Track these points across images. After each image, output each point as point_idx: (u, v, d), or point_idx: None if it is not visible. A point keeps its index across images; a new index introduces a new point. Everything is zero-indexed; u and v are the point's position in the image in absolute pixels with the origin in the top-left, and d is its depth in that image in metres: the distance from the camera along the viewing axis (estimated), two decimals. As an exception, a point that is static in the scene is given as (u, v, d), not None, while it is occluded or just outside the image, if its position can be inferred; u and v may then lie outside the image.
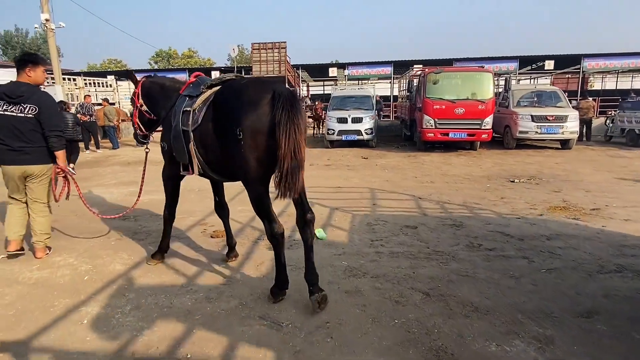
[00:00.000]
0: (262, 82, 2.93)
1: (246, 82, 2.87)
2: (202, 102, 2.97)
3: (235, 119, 2.58)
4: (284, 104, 2.41)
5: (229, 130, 2.63)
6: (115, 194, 6.64)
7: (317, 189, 6.69)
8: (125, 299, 3.02)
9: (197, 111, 2.96)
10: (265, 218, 2.74)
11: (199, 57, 51.56)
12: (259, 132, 2.52)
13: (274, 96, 2.49)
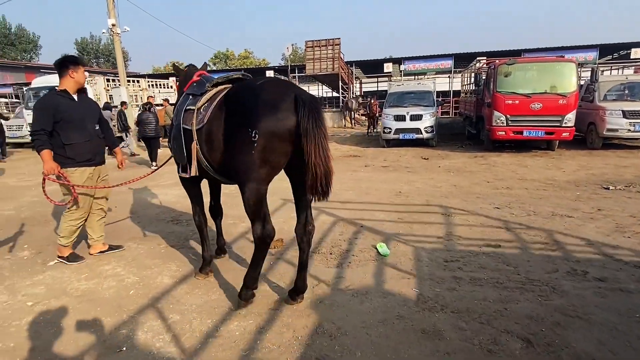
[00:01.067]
0: (280, 83, 2.76)
1: (263, 83, 2.66)
2: (207, 101, 2.89)
3: (252, 119, 2.47)
4: (310, 110, 2.37)
5: (242, 130, 2.50)
6: (169, 195, 6.56)
7: (375, 193, 6.12)
8: (168, 322, 2.70)
9: (203, 110, 2.85)
10: (260, 219, 2.65)
11: (254, 57, 52.80)
12: (276, 136, 2.44)
13: (297, 101, 2.42)
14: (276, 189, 3.86)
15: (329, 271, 3.44)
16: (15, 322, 2.75)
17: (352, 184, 6.97)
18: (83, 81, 3.63)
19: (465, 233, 4.24)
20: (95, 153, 3.70)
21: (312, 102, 2.42)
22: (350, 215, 5.03)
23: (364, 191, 6.33)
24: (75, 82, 3.54)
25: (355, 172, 8.28)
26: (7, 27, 38.58)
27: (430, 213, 5.03)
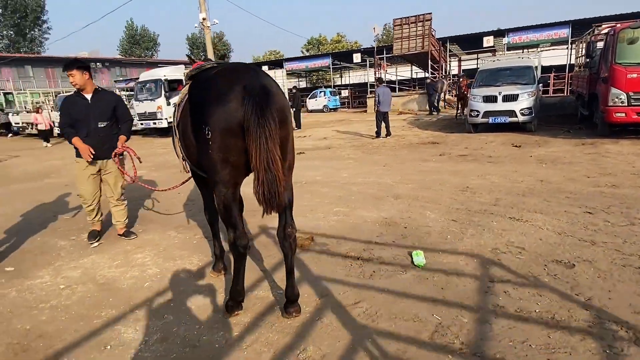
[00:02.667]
0: (233, 70, 2.42)
1: (216, 72, 2.43)
2: (182, 95, 2.72)
3: (204, 115, 2.26)
4: (255, 104, 2.05)
5: (200, 127, 2.31)
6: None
7: (437, 188, 5.38)
8: (161, 323, 2.62)
9: (179, 105, 2.70)
10: (229, 225, 2.42)
11: (346, 41, 52.27)
12: (227, 132, 2.17)
13: (244, 91, 2.11)
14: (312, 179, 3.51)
15: (346, 281, 3.03)
16: (41, 305, 2.96)
17: (415, 176, 6.28)
18: (79, 82, 3.84)
19: (531, 245, 3.40)
20: (95, 147, 3.84)
21: (260, 94, 2.08)
22: (396, 213, 4.47)
23: (425, 185, 5.62)
24: (74, 84, 3.85)
25: (426, 162, 7.48)
26: (134, 29, 44.70)
27: (494, 215, 4.19)
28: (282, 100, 2.29)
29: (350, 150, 9.58)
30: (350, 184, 6.01)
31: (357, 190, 5.58)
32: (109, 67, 35.92)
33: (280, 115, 2.18)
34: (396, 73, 27.66)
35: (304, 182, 6.36)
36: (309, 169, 7.35)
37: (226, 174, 2.29)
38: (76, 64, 3.84)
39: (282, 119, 2.21)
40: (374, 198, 5.15)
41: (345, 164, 7.74)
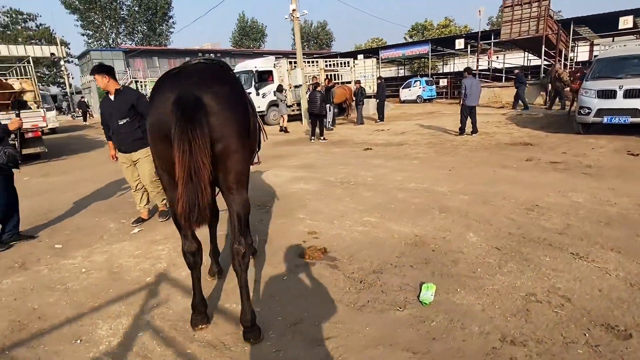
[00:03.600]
0: (176, 76, 2.22)
1: (163, 76, 2.29)
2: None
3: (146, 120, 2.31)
4: (180, 115, 1.94)
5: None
6: (281, 177, 6.69)
7: (497, 203, 4.55)
8: (133, 325, 2.65)
9: None
10: (180, 233, 2.41)
11: (455, 25, 48.53)
12: (156, 140, 2.16)
13: (175, 99, 1.98)
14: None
15: (331, 308, 2.70)
16: (58, 286, 3.26)
17: (479, 185, 5.44)
18: (101, 85, 4.23)
19: (581, 296, 2.59)
20: (120, 143, 4.33)
21: (189, 103, 1.95)
22: (431, 231, 3.89)
23: (484, 198, 4.82)
24: (99, 87, 4.35)
25: (503, 168, 6.45)
26: (244, 21, 48.08)
27: (552, 247, 3.34)
28: (220, 110, 2.08)
29: (422, 148, 8.81)
30: (398, 189, 5.48)
31: (401, 198, 5.04)
32: (220, 57, 39.27)
33: (216, 126, 2.05)
34: (504, 60, 24.69)
35: (352, 182, 6.01)
36: (365, 168, 6.94)
37: (165, 181, 2.32)
38: (96, 70, 4.17)
39: (217, 129, 2.06)
40: (415, 209, 4.59)
41: (407, 164, 7.11)
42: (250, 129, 2.46)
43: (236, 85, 2.38)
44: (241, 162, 2.26)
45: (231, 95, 2.23)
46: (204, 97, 2.04)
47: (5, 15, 42.52)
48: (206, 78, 2.21)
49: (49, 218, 5.07)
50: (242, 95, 2.39)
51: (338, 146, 9.95)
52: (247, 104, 2.47)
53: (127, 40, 41.51)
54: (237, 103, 2.26)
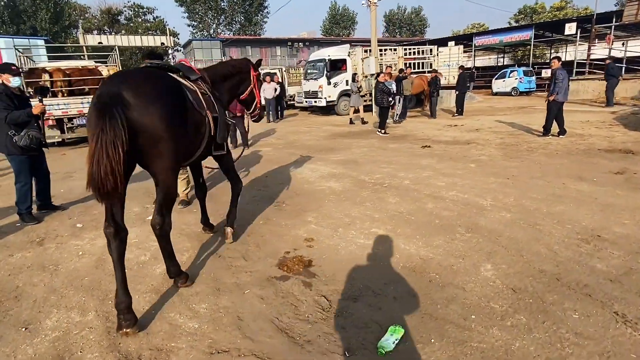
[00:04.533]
0: (112, 76, 2.66)
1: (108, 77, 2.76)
2: None
3: None
4: (94, 106, 2.28)
5: None
6: (317, 172, 6.36)
7: (542, 229, 3.65)
8: (81, 322, 2.61)
9: None
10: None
11: (572, 7, 42.16)
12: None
13: (96, 96, 2.33)
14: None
15: (267, 338, 2.34)
16: (51, 266, 3.42)
17: (534, 202, 4.46)
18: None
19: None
20: None
21: (101, 98, 2.26)
22: (441, 256, 3.25)
23: (531, 219, 3.91)
24: None
25: (579, 181, 5.23)
26: (336, 9, 47.90)
27: (592, 299, 2.49)
28: (139, 104, 2.34)
29: (490, 149, 7.68)
30: (432, 197, 4.76)
31: (429, 209, 4.36)
32: (309, 46, 39.81)
33: (135, 118, 2.29)
34: (625, 48, 20.60)
35: (385, 184, 5.43)
36: (409, 169, 6.25)
37: None
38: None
39: (136, 121, 2.31)
40: (438, 225, 3.91)
41: (460, 167, 6.22)
42: (186, 123, 2.71)
43: (167, 83, 2.68)
44: (165, 153, 2.48)
45: (155, 91, 2.50)
46: (123, 92, 2.31)
47: (130, 9, 48.42)
48: (135, 77, 2.57)
49: (88, 196, 5.48)
50: (172, 92, 2.62)
51: (396, 141, 9.22)
52: (182, 100, 2.70)
53: (226, 31, 44.42)
54: (159, 98, 2.47)
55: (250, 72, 4.07)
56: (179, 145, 2.63)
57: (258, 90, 4.13)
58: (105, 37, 35.39)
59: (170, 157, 2.55)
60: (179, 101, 2.69)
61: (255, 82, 4.08)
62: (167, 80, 2.76)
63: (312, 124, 13.85)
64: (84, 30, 41.37)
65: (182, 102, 2.72)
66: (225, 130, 3.41)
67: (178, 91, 2.75)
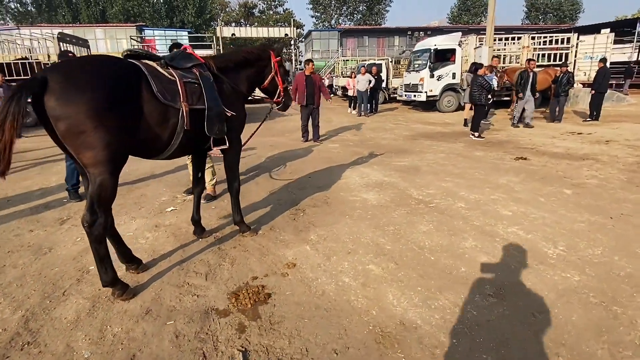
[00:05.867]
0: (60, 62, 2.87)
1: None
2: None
3: None
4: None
5: None
6: (366, 178, 5.57)
7: (618, 299, 2.35)
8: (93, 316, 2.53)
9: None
10: None
11: None
12: None
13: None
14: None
15: None
16: (48, 248, 3.52)
17: (626, 260, 3.00)
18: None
19: None
20: None
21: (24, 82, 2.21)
22: (431, 325, 2.31)
23: (608, 290, 2.58)
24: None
25: None
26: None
27: None
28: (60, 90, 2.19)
29: (610, 170, 5.75)
30: (480, 231, 3.62)
31: (464, 249, 3.29)
32: (431, 35, 37.21)
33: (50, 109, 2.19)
34: None
35: (431, 204, 4.40)
36: (476, 188, 5.00)
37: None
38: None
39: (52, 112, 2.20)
40: (456, 277, 2.87)
41: (547, 193, 4.71)
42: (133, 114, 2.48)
43: (110, 71, 2.42)
44: (92, 144, 2.27)
45: (85, 78, 2.27)
46: (49, 77, 2.18)
47: (263, 2, 52.17)
48: (73, 63, 2.41)
49: (137, 181, 5.74)
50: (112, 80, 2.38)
51: (488, 148, 7.69)
52: (129, 89, 2.45)
53: (347, 21, 44.52)
54: (87, 85, 2.25)
55: (271, 59, 3.65)
56: (114, 138, 2.33)
57: (280, 77, 3.73)
58: (237, 29, 38.91)
59: (99, 150, 2.30)
60: (121, 90, 2.39)
61: (277, 69, 3.68)
62: (115, 67, 2.46)
63: (403, 120, 12.70)
64: (224, 22, 46.24)
65: (128, 91, 2.44)
66: (219, 123, 3.04)
67: (126, 79, 2.46)
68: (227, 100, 3.18)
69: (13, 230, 3.94)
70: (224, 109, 3.10)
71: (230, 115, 3.15)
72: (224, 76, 3.26)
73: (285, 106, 3.94)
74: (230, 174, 3.55)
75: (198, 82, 2.96)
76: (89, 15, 36.03)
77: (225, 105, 3.12)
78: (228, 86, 3.28)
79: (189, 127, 2.83)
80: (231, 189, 3.60)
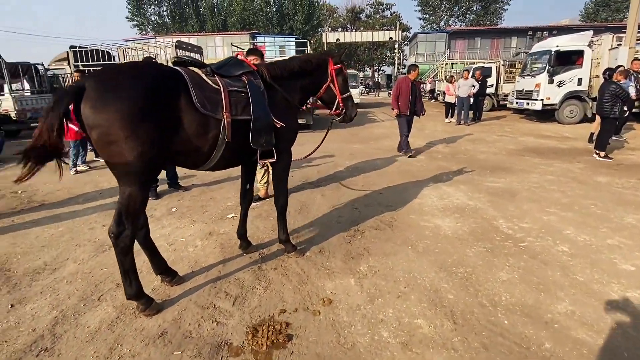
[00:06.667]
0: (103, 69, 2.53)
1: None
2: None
3: None
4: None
5: None
6: (446, 199, 4.83)
7: None
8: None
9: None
10: None
11: None
12: None
13: None
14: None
15: None
16: (107, 245, 3.68)
17: None
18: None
19: None
20: None
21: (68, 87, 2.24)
22: None
23: None
24: None
25: None
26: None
27: None
28: (94, 97, 2.14)
29: None
30: (584, 291, 2.71)
31: (559, 315, 2.47)
32: (556, 35, 32.71)
33: (85, 117, 2.16)
34: None
35: (523, 243, 3.53)
36: (587, 224, 3.92)
37: None
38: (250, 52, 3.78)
39: (86, 120, 2.17)
40: (544, 358, 2.11)
41: None
42: (169, 124, 2.34)
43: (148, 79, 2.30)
44: (122, 155, 2.18)
45: (120, 86, 2.19)
46: (87, 85, 2.15)
47: (371, 6, 52.10)
48: (112, 71, 2.35)
49: (213, 183, 5.88)
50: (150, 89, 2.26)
51: (616, 173, 6.15)
52: (164, 98, 2.32)
53: (457, 22, 41.76)
54: (121, 93, 2.16)
55: (329, 66, 3.31)
56: (146, 149, 2.21)
57: (338, 87, 3.36)
58: (342, 34, 39.48)
59: (130, 161, 2.20)
60: (156, 99, 2.26)
61: (334, 77, 3.32)
62: (153, 75, 2.34)
63: (510, 131, 11.14)
64: (330, 28, 47.37)
65: (164, 100, 2.31)
66: (267, 134, 2.81)
67: (164, 88, 2.33)
68: (278, 110, 2.92)
69: (90, 223, 4.26)
70: (272, 119, 2.84)
71: (280, 126, 2.88)
72: (277, 84, 3.00)
73: (347, 118, 3.53)
74: (277, 189, 3.28)
75: (245, 90, 2.74)
76: (213, 24, 40.17)
77: (276, 115, 2.86)
78: (280, 95, 3.01)
79: (230, 139, 2.62)
80: (277, 205, 3.32)
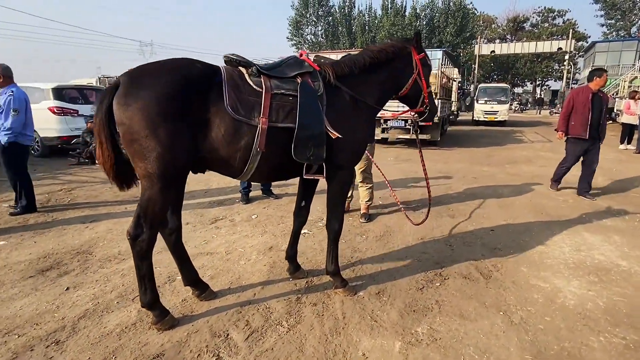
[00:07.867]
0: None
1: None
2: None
3: None
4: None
5: None
6: (591, 252, 3.49)
7: None
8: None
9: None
10: None
11: None
12: None
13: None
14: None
15: None
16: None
17: None
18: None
19: None
20: None
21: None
22: None
23: None
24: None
25: None
26: None
27: None
28: (121, 95, 2.08)
29: None
30: None
31: None
32: None
33: (113, 113, 2.11)
34: None
35: None
36: None
37: None
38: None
39: (115, 113, 2.10)
40: None
41: None
42: (195, 126, 2.16)
43: (181, 77, 2.14)
44: (144, 155, 2.07)
45: (149, 84, 2.08)
46: (121, 81, 2.12)
47: (538, 14, 46.16)
48: (146, 68, 2.22)
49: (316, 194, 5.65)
50: (181, 88, 2.11)
51: None
52: (195, 99, 2.14)
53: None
54: (149, 91, 2.06)
55: (412, 55, 2.75)
56: (167, 151, 2.06)
57: (425, 79, 2.77)
58: (499, 46, 35.82)
59: (150, 161, 2.08)
60: (182, 99, 2.10)
61: (421, 68, 2.75)
62: (185, 73, 2.15)
63: None
64: (487, 39, 43.50)
65: (191, 101, 2.13)
66: (315, 146, 2.35)
67: (193, 88, 2.14)
68: (343, 118, 2.46)
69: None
70: (326, 128, 2.36)
71: (336, 137, 2.38)
72: (345, 85, 2.52)
73: (431, 115, 2.86)
74: (331, 211, 2.73)
75: (294, 94, 2.34)
76: (362, 41, 41.40)
77: (337, 123, 2.40)
78: (349, 99, 2.52)
79: (263, 149, 2.25)
80: (329, 230, 2.78)
